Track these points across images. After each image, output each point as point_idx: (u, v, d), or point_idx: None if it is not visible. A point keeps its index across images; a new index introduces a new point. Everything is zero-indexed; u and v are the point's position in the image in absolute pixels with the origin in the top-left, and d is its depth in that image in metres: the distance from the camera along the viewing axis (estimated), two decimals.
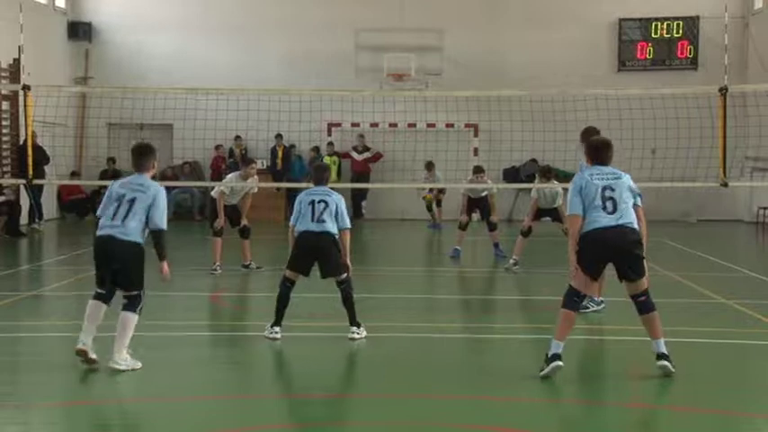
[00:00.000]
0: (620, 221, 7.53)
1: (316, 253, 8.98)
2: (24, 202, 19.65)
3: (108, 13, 24.33)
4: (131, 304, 7.87)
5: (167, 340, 9.31)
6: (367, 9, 23.26)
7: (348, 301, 9.05)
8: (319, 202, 9.01)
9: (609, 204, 7.53)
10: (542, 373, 7.50)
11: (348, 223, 9.20)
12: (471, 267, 15.09)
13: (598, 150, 7.94)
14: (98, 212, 8.15)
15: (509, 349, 9.40)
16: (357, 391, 7.84)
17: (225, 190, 13.88)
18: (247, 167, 14.26)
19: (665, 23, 23.74)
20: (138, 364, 7.79)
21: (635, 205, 7.68)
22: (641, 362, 7.85)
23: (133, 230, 7.82)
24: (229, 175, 14.66)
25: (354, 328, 9.03)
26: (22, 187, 18.72)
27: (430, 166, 20.90)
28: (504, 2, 23.70)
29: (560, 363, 7.46)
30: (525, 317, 11.64)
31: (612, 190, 7.57)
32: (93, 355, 7.70)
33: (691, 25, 23.57)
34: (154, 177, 8.43)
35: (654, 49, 23.78)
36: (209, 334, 10.29)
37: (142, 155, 8.26)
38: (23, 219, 19.65)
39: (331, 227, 8.97)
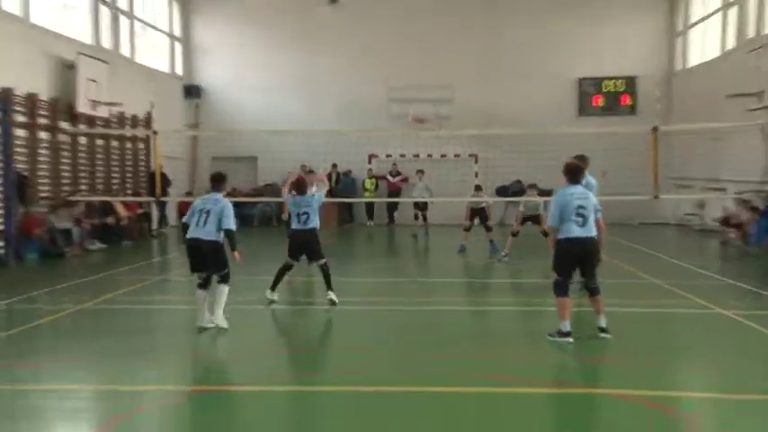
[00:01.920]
0: (588, 234, 7.52)
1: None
2: (154, 214, 20.05)
3: (212, 77, 24.51)
4: (223, 280, 8.39)
5: (253, 311, 9.56)
6: (396, 70, 23.23)
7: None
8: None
9: (580, 219, 7.48)
10: (553, 338, 7.52)
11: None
12: (473, 259, 15.12)
13: (573, 173, 7.76)
14: (184, 219, 8.54)
15: (504, 318, 9.45)
16: (395, 349, 7.75)
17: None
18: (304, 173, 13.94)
19: (612, 81, 23.70)
20: (227, 324, 8.22)
21: (596, 219, 7.66)
22: (587, 326, 7.88)
23: (211, 232, 8.24)
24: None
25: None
26: (152, 203, 19.10)
27: (421, 172, 19.54)
28: (496, 64, 23.61)
29: (571, 340, 7.47)
30: (515, 294, 11.73)
31: (584, 208, 7.49)
32: (208, 325, 8.24)
33: (630, 83, 23.53)
34: (227, 195, 8.76)
35: (605, 99, 23.69)
36: (288, 307, 10.21)
37: (217, 181, 8.68)
38: (153, 225, 20.03)
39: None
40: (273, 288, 9.64)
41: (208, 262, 8.33)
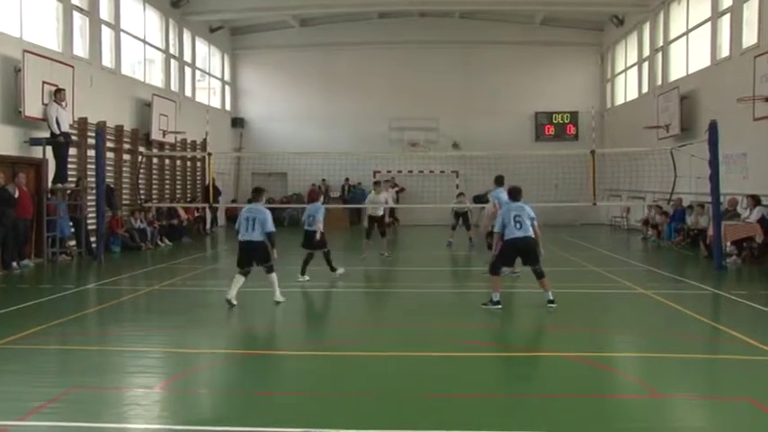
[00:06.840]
0: (524, 234, 7.75)
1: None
2: (208, 217, 19.93)
3: (253, 112, 24.60)
4: (270, 269, 8.21)
5: (299, 292, 9.44)
6: (395, 106, 23.19)
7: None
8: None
9: (518, 224, 7.77)
10: (486, 306, 7.70)
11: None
12: (457, 251, 15.03)
13: (513, 194, 8.19)
14: (236, 227, 8.31)
15: (478, 297, 9.24)
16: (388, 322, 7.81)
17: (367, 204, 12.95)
18: (378, 186, 13.01)
19: (560, 114, 23.72)
20: (283, 299, 8.19)
21: (532, 224, 7.83)
22: (540, 304, 7.88)
23: (258, 235, 8.03)
24: (369, 196, 13.13)
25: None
26: (206, 209, 19.10)
27: (377, 185, 17.15)
28: (472, 101, 23.53)
29: (500, 307, 7.71)
30: (485, 280, 11.52)
31: (520, 216, 7.79)
32: (234, 302, 7.96)
33: (574, 116, 23.56)
34: (267, 202, 8.51)
35: (555, 128, 23.68)
36: (313, 290, 9.92)
37: (257, 193, 8.47)
38: (207, 225, 19.92)
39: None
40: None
41: (257, 258, 8.13)
